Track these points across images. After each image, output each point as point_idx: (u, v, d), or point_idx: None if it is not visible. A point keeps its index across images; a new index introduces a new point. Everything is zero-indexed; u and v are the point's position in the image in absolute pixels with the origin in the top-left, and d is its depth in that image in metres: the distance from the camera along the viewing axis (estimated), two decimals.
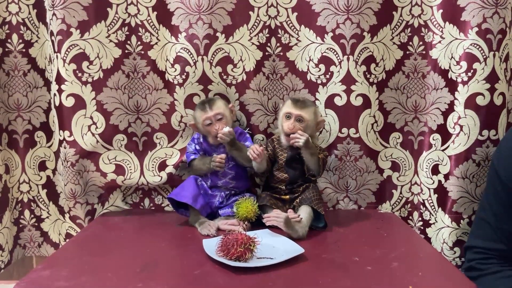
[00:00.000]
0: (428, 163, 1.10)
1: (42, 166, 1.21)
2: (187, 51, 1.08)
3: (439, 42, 1.06)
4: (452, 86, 1.05)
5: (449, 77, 1.05)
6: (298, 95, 1.10)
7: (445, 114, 1.07)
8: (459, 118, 1.03)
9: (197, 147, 1.06)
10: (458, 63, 1.02)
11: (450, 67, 1.04)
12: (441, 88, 1.07)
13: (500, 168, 0.86)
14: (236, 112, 1.10)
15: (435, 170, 1.09)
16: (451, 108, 1.05)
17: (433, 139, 1.09)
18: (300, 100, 1.01)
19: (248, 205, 0.97)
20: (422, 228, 1.13)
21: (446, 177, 1.06)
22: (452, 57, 1.04)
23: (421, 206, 1.13)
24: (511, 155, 0.85)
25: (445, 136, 1.06)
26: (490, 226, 0.88)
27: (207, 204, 1.01)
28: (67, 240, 1.17)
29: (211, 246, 0.84)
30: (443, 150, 1.06)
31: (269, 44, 1.10)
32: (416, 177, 1.14)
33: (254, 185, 1.15)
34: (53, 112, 1.13)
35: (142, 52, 1.10)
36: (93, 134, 1.09)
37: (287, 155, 1.02)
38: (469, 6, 1.00)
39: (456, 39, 1.03)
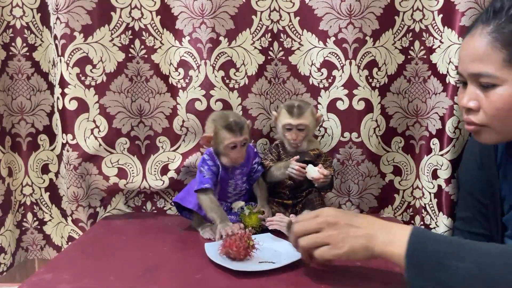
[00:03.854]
0: (429, 167, 1.10)
1: (45, 169, 1.21)
2: (191, 55, 1.08)
3: (439, 46, 1.07)
4: (450, 91, 1.04)
5: (447, 81, 1.05)
6: (291, 100, 1.08)
7: (443, 118, 1.07)
8: (459, 122, 1.03)
9: (214, 169, 0.96)
10: (456, 67, 1.02)
11: (448, 71, 1.04)
12: (439, 93, 1.07)
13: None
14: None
15: (435, 174, 1.09)
16: (450, 112, 1.05)
17: (433, 144, 1.09)
18: (295, 106, 1.00)
19: (255, 216, 0.96)
20: None
21: (448, 181, 1.06)
22: (450, 61, 1.04)
23: (423, 210, 1.13)
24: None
25: (445, 140, 1.06)
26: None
27: None
28: (69, 243, 1.17)
29: (213, 250, 0.84)
30: (442, 155, 1.06)
31: (271, 48, 1.10)
32: (418, 181, 1.14)
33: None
34: (56, 116, 1.13)
35: (146, 56, 1.10)
36: (96, 138, 1.10)
37: None
38: (469, 12, 1.00)
39: (454, 43, 1.03)
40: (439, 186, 1.07)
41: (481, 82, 0.72)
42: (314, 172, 0.96)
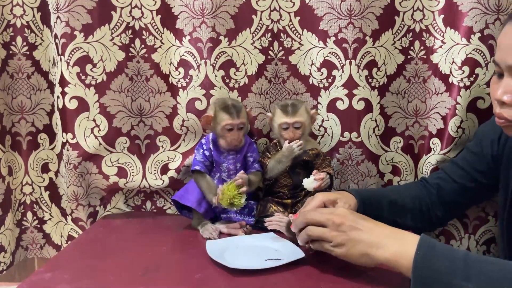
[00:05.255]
0: (427, 167, 1.10)
1: (45, 168, 1.21)
2: (191, 54, 1.09)
3: (440, 47, 1.07)
4: (453, 90, 1.05)
5: (450, 81, 1.05)
6: (285, 100, 1.08)
7: (445, 118, 1.07)
8: (462, 121, 1.03)
9: (206, 153, 1.02)
10: (460, 68, 1.02)
11: (451, 71, 1.04)
12: (441, 93, 1.07)
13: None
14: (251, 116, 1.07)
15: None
16: (453, 112, 1.05)
17: (433, 143, 1.09)
18: (289, 105, 1.01)
19: (231, 189, 0.94)
20: None
21: None
22: (453, 61, 1.04)
23: None
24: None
25: (446, 140, 1.06)
26: None
27: (211, 208, 1.01)
28: (69, 242, 1.17)
29: (213, 248, 0.85)
30: (444, 154, 1.06)
31: (271, 48, 1.10)
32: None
33: (256, 188, 1.15)
34: (56, 115, 1.13)
35: (146, 55, 1.10)
36: (96, 137, 1.10)
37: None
38: (472, 12, 1.00)
39: (458, 44, 1.03)
40: None
41: None
42: (312, 183, 0.96)
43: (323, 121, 1.12)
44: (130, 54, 1.10)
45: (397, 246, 0.68)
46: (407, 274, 0.66)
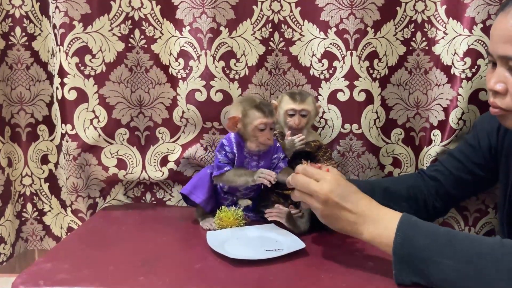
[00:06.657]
0: (428, 158, 1.09)
1: (44, 160, 1.21)
2: (191, 45, 1.08)
3: (442, 38, 1.06)
4: (455, 82, 1.04)
5: (452, 73, 1.04)
6: (293, 89, 1.09)
7: (447, 110, 1.06)
8: (463, 113, 1.02)
9: (230, 156, 0.94)
10: (462, 59, 1.02)
11: (453, 63, 1.04)
12: (443, 84, 1.07)
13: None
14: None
15: None
16: (454, 104, 1.04)
17: (434, 135, 1.09)
18: (297, 93, 1.01)
19: (230, 215, 0.93)
20: None
21: None
22: (455, 53, 1.03)
23: None
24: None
25: (447, 131, 1.06)
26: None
27: (216, 205, 0.99)
28: (69, 233, 1.17)
29: (214, 239, 0.85)
30: (444, 146, 1.05)
31: (272, 39, 1.10)
32: None
33: None
34: (56, 106, 1.13)
35: (146, 46, 1.09)
36: (95, 128, 1.09)
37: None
38: (474, 3, 0.99)
39: (460, 35, 1.02)
40: None
41: (511, 66, 0.69)
42: None
43: (323, 112, 1.11)
44: (129, 45, 1.09)
45: (377, 226, 0.70)
46: (389, 253, 0.68)
